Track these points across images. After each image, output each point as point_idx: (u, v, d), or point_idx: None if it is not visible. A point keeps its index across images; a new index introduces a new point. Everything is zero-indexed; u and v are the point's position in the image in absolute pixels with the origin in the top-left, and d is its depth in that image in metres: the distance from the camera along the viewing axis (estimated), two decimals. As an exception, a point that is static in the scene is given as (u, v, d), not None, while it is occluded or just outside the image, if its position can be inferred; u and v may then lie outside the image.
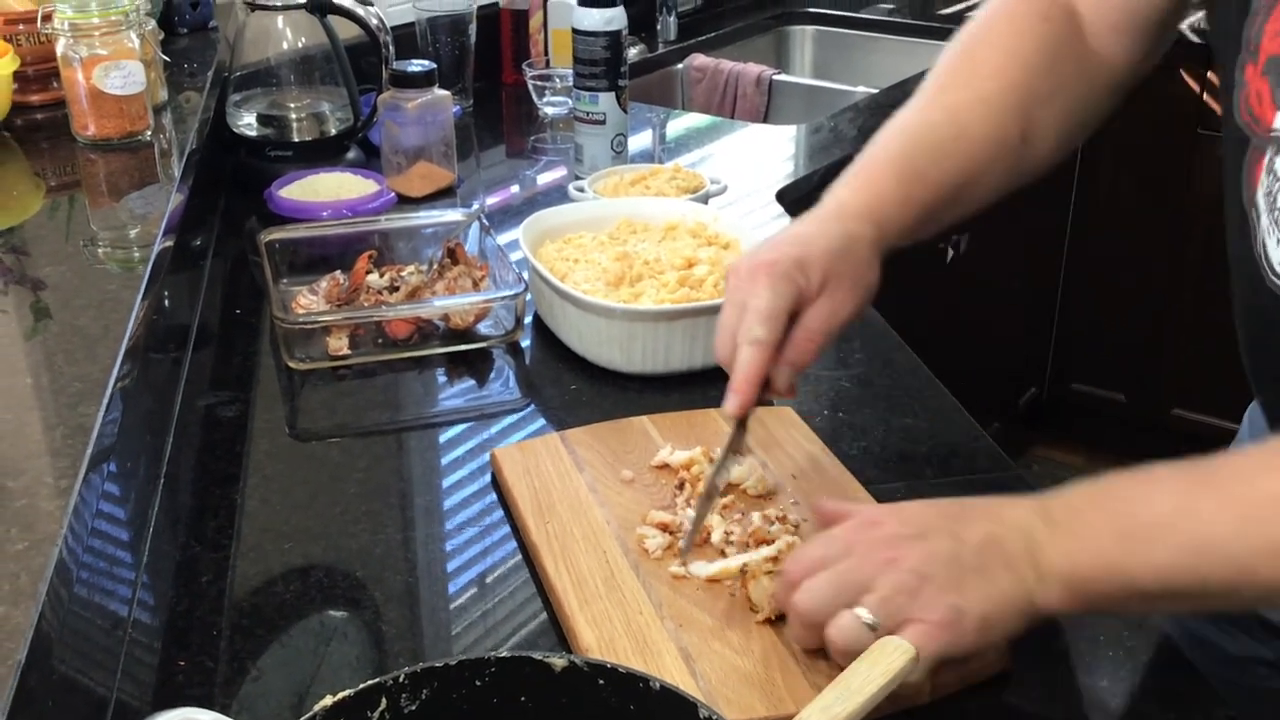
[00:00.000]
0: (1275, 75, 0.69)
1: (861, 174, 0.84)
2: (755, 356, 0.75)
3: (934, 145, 0.84)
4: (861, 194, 0.82)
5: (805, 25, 2.44)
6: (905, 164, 0.83)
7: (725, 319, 0.78)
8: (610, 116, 1.46)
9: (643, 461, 0.90)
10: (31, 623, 0.53)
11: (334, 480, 0.92)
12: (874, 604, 0.65)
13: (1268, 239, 0.71)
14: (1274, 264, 0.71)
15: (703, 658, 0.70)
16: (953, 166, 0.83)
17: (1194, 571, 0.62)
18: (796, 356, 0.77)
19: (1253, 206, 0.72)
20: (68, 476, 0.64)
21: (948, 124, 0.84)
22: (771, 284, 0.76)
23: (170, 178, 1.14)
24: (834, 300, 0.78)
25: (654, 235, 1.17)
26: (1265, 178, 0.71)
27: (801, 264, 0.77)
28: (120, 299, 0.86)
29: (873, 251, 0.80)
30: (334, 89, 1.51)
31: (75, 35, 1.16)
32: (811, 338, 0.77)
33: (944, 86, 0.87)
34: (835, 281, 0.78)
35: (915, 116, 0.86)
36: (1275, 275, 0.71)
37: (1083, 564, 0.65)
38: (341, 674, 0.73)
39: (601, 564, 0.79)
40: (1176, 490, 0.64)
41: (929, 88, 0.88)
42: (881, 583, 0.65)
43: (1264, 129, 0.70)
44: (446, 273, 1.16)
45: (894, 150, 0.84)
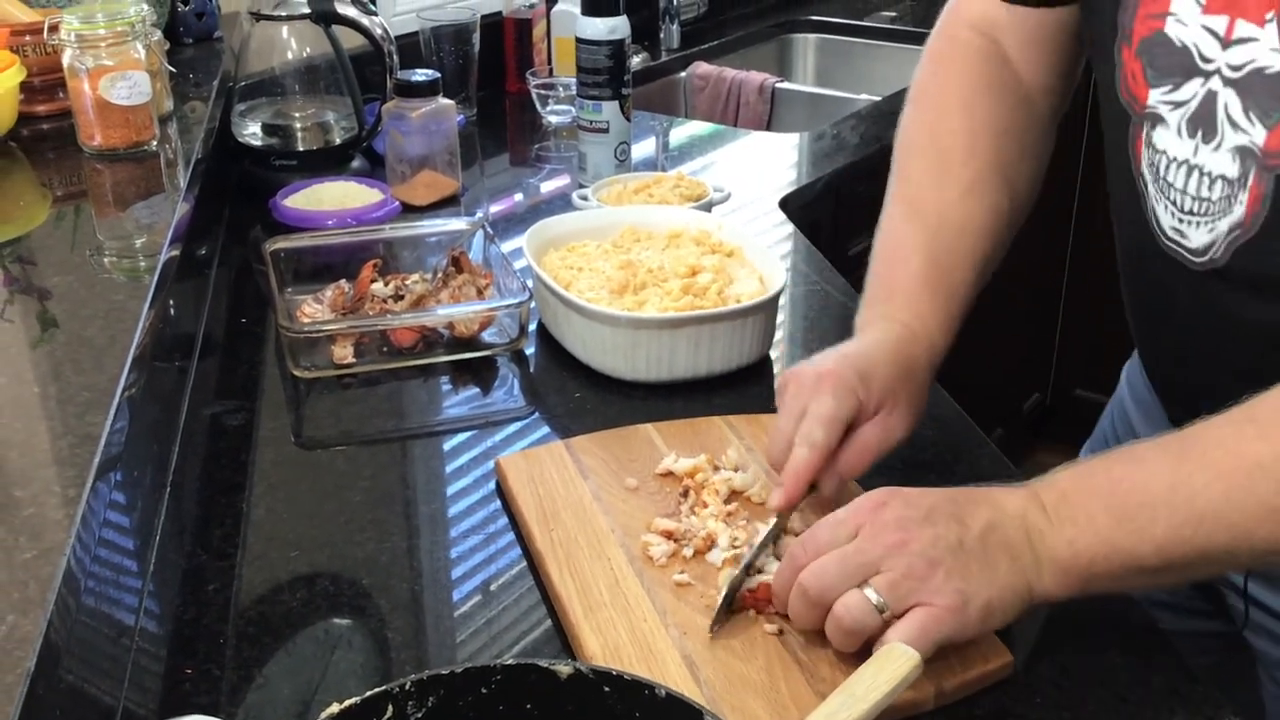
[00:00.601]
0: (1147, 56, 0.75)
1: (898, 296, 0.87)
2: (810, 459, 0.78)
3: (950, 252, 0.87)
4: (910, 322, 0.85)
5: (808, 33, 2.45)
6: (935, 281, 0.86)
7: (782, 424, 0.80)
8: (614, 125, 1.46)
9: (647, 469, 0.90)
10: (40, 631, 0.53)
11: (339, 488, 0.93)
12: (883, 585, 0.66)
13: (1156, 206, 0.77)
14: (1165, 229, 0.77)
15: (706, 665, 0.71)
16: (970, 267, 0.87)
17: (1192, 542, 0.65)
18: (847, 469, 0.80)
19: (1139, 178, 0.78)
20: (75, 485, 0.64)
21: (951, 227, 0.87)
22: (835, 393, 0.79)
23: (176, 187, 1.14)
24: (890, 419, 0.81)
25: (658, 243, 1.17)
26: (1146, 151, 0.77)
27: (865, 378, 0.80)
28: (127, 309, 0.86)
29: (925, 375, 0.84)
30: (339, 98, 1.52)
31: (81, 46, 1.17)
32: (864, 453, 0.80)
33: (927, 184, 0.90)
34: (893, 401, 0.81)
35: (918, 224, 0.88)
36: (1166, 239, 0.77)
37: (1084, 549, 0.66)
38: (347, 682, 0.74)
39: (606, 571, 0.79)
40: (1165, 467, 0.67)
41: (912, 182, 0.91)
42: (890, 565, 0.66)
43: (1140, 106, 0.76)
44: (451, 281, 1.16)
45: (918, 267, 0.87)
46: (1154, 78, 0.75)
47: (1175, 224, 0.76)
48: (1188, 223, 0.75)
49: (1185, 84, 0.73)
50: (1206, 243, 0.74)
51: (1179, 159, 0.74)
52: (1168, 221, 0.77)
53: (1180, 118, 0.73)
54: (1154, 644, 0.75)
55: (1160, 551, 0.65)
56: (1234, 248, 0.73)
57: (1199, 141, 0.73)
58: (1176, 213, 0.76)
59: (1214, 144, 0.72)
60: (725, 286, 1.08)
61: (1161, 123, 0.75)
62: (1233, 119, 0.70)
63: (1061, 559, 0.67)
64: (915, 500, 0.70)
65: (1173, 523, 0.65)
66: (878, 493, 0.71)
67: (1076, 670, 0.73)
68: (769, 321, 1.08)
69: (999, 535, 0.68)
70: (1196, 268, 0.76)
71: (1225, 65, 0.70)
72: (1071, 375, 2.56)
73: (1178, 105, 0.73)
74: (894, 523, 0.68)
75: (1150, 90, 0.75)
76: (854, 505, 0.71)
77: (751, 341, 1.06)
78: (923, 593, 0.66)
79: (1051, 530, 0.67)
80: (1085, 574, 0.67)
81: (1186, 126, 0.73)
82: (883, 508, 0.69)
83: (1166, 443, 0.68)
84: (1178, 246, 0.77)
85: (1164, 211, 0.77)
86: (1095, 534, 0.66)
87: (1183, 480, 0.65)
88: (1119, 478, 0.68)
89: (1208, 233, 0.74)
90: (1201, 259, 0.75)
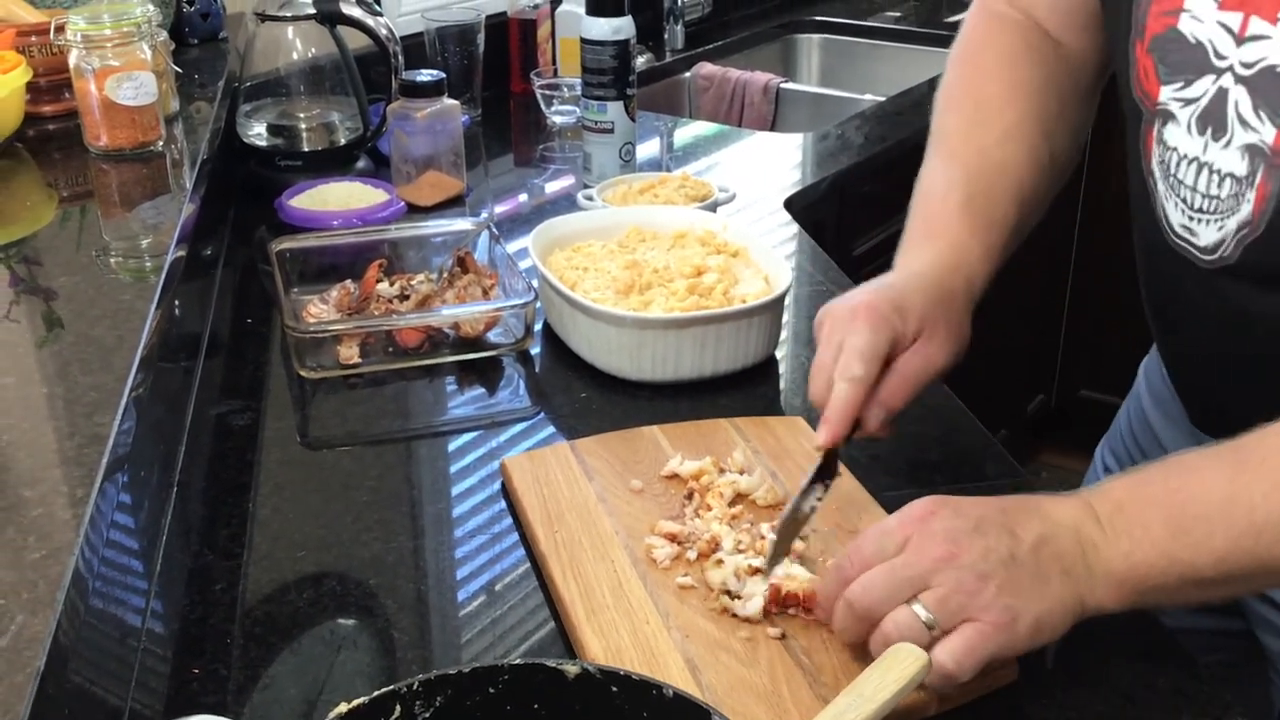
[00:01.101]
0: (1159, 53, 0.75)
1: (936, 228, 0.86)
2: (852, 393, 0.77)
3: (989, 189, 0.86)
4: (946, 251, 0.84)
5: (812, 34, 2.45)
6: (974, 215, 0.85)
7: (821, 359, 0.79)
8: (618, 125, 1.46)
9: (652, 471, 0.90)
10: (50, 631, 0.54)
11: (346, 488, 0.93)
12: (932, 601, 0.64)
13: (1166, 204, 0.77)
14: (1174, 227, 0.77)
15: (709, 668, 0.71)
16: (1012, 206, 0.86)
17: (1253, 554, 0.64)
18: (889, 399, 0.79)
19: (1150, 175, 0.78)
20: (84, 486, 0.65)
21: (990, 166, 0.87)
22: (871, 325, 0.78)
23: (182, 188, 1.14)
24: (929, 348, 0.80)
25: (663, 243, 1.17)
26: (1157, 148, 0.77)
27: (900, 309, 0.79)
28: (134, 309, 0.86)
29: (966, 305, 0.83)
30: (344, 99, 1.52)
31: (88, 47, 1.17)
32: (905, 383, 0.79)
33: (965, 131, 0.90)
34: (931, 329, 0.80)
35: (956, 165, 0.88)
36: (1176, 236, 0.77)
37: (1140, 561, 0.65)
38: (354, 682, 0.74)
39: (609, 573, 0.79)
40: (1222, 478, 0.65)
41: (950, 134, 0.90)
42: (940, 579, 0.64)
43: (1152, 103, 0.76)
44: (456, 281, 1.17)
45: (956, 203, 0.86)
46: (1165, 74, 0.74)
47: (1185, 221, 0.76)
48: (1197, 220, 0.75)
49: (1197, 81, 0.73)
50: (1215, 240, 0.74)
51: (1189, 156, 0.74)
52: (1177, 219, 0.77)
53: (1191, 115, 0.73)
54: (1160, 643, 0.75)
55: (1219, 564, 0.64)
56: (1243, 245, 0.73)
57: (1208, 139, 0.72)
58: (1186, 210, 0.76)
59: (1224, 141, 0.72)
60: (731, 287, 1.08)
61: (1172, 119, 0.75)
62: (1243, 117, 0.70)
63: (1117, 572, 0.65)
64: (965, 510, 0.67)
65: (1231, 534, 0.63)
66: (926, 501, 0.69)
67: (1082, 670, 0.73)
68: (775, 322, 1.08)
69: (1052, 547, 0.66)
70: (1206, 265, 0.76)
71: (1238, 63, 0.70)
72: (1076, 376, 2.55)
73: (1189, 102, 0.73)
74: (942, 534, 0.66)
75: (1162, 87, 0.75)
76: (901, 514, 0.68)
77: (757, 342, 1.06)
78: (972, 608, 0.64)
79: (1106, 542, 0.65)
80: (1141, 587, 0.65)
81: (1197, 123, 0.73)
82: (931, 517, 0.67)
83: (1221, 452, 0.66)
84: (1187, 245, 0.77)
85: (1173, 209, 0.77)
86: (1152, 546, 0.65)
87: (1241, 491, 0.64)
88: (1175, 488, 0.66)
89: (1217, 230, 0.74)
90: (1211, 257, 0.75)
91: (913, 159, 0.91)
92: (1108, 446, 1.07)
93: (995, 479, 0.93)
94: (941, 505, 0.68)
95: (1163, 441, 0.95)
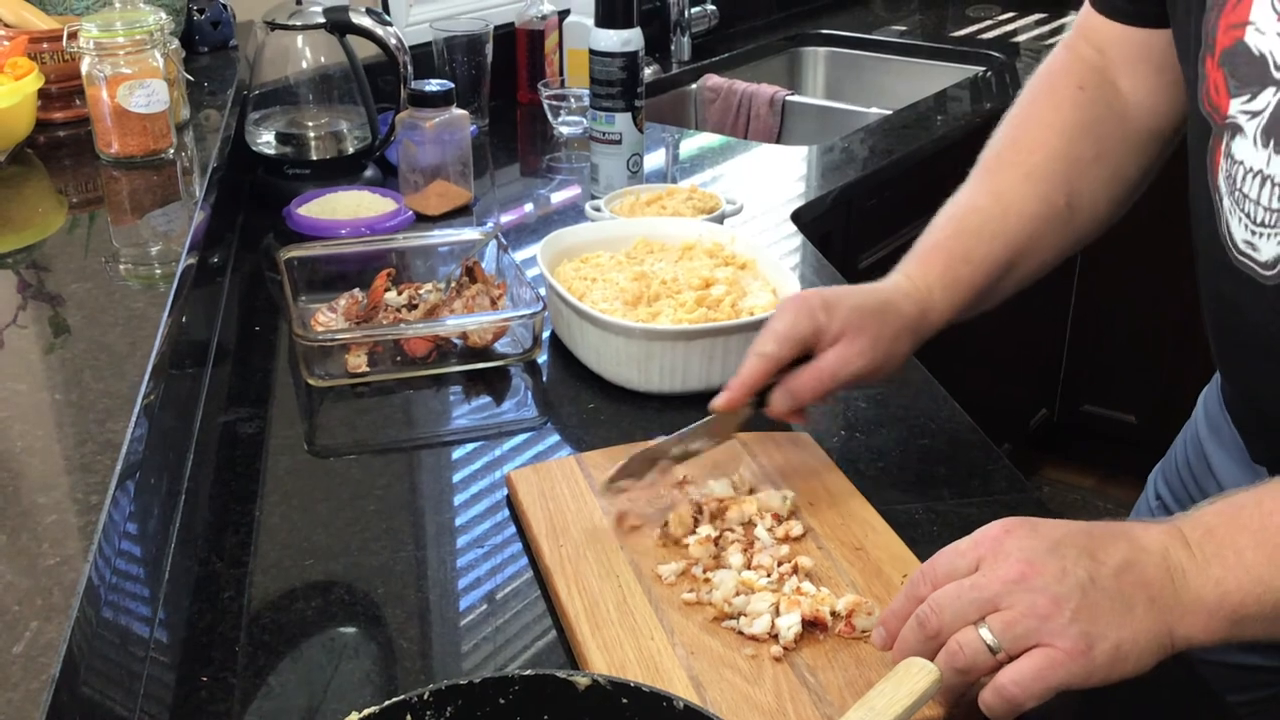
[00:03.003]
0: (1229, 66, 0.75)
1: (915, 258, 0.91)
2: (755, 366, 0.84)
3: (979, 227, 0.90)
4: (913, 276, 0.89)
5: (818, 46, 2.45)
6: (953, 247, 0.90)
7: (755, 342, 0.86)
8: (626, 136, 1.47)
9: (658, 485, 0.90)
10: (65, 638, 0.54)
11: (353, 497, 0.93)
12: (999, 625, 0.62)
13: (1230, 219, 0.77)
14: (1237, 243, 0.77)
15: (713, 685, 0.70)
16: (999, 245, 0.89)
17: None
18: (796, 387, 0.84)
19: (1215, 191, 0.78)
20: (97, 493, 0.65)
21: (993, 205, 0.90)
22: (793, 312, 0.84)
23: (193, 196, 1.15)
24: (848, 350, 0.84)
25: (671, 255, 1.17)
26: (1224, 162, 0.76)
27: (827, 306, 0.84)
28: (146, 316, 0.86)
29: (904, 329, 0.86)
30: (352, 108, 1.52)
31: (100, 54, 1.17)
32: (817, 375, 0.84)
33: (990, 169, 0.93)
34: (854, 334, 0.84)
35: (964, 201, 0.92)
36: (1238, 253, 0.77)
37: (1234, 589, 0.62)
38: (362, 691, 0.74)
39: (614, 588, 0.79)
40: None
41: (977, 171, 0.94)
42: (1010, 601, 0.62)
43: (1221, 117, 0.76)
44: (464, 291, 1.17)
45: (942, 236, 0.91)
46: (1235, 88, 0.74)
47: (1247, 236, 0.75)
48: (1259, 235, 0.74)
49: (1261, 93, 0.72)
50: (1275, 255, 0.73)
51: (1255, 169, 0.73)
52: (1240, 234, 0.76)
53: (1256, 127, 0.73)
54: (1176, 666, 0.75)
55: None
56: None
57: (1271, 151, 0.72)
58: (1250, 224, 0.75)
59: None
60: (739, 299, 1.08)
61: (1240, 133, 0.74)
62: None
63: (1208, 600, 0.62)
64: (1044, 530, 0.64)
65: None
66: (1004, 521, 0.66)
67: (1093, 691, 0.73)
68: (782, 334, 1.08)
69: (1137, 573, 0.62)
70: (1266, 281, 0.75)
71: None
72: (1079, 391, 2.55)
73: (1254, 115, 0.73)
74: (1017, 554, 0.63)
75: (1231, 100, 0.75)
76: (978, 533, 0.66)
77: (764, 354, 1.06)
78: (1043, 633, 0.61)
79: (1196, 569, 0.62)
80: (1234, 616, 0.62)
81: (1261, 136, 0.73)
82: (1007, 536, 0.64)
83: None
84: (1249, 260, 0.76)
85: (1237, 224, 0.76)
86: (1245, 572, 0.62)
87: None
88: (1270, 511, 0.63)
89: (1277, 245, 0.73)
90: (1271, 272, 0.74)
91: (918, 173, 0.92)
92: (1161, 474, 1.05)
93: (1003, 493, 0.93)
94: (1019, 525, 0.65)
95: (1217, 474, 0.94)
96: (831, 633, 0.75)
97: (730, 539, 0.83)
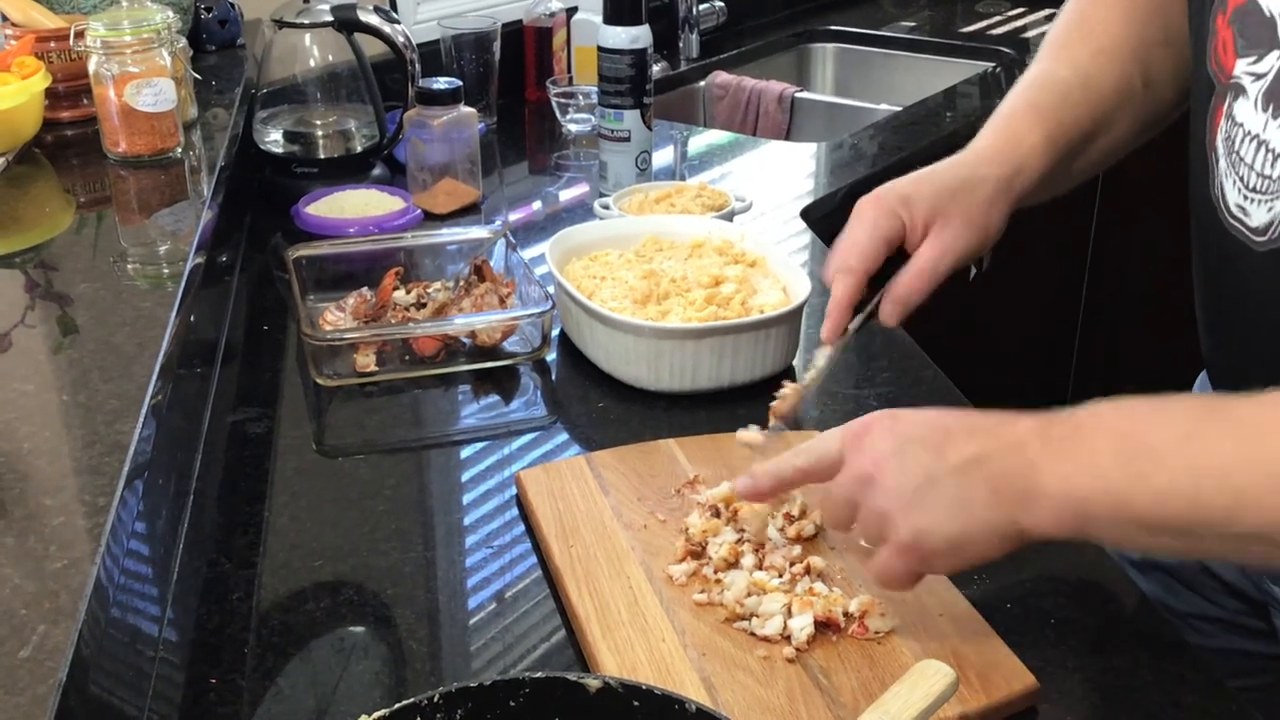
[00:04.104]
0: (1240, 24, 0.73)
1: (997, 122, 0.87)
2: (845, 284, 0.81)
3: (1064, 93, 0.87)
4: (998, 139, 0.85)
5: (826, 43, 2.44)
6: (1039, 109, 0.86)
7: (834, 248, 0.84)
8: (635, 134, 1.46)
9: (668, 485, 0.89)
10: (72, 642, 0.53)
11: (362, 497, 0.93)
12: (859, 528, 0.69)
13: (1225, 181, 0.75)
14: (1230, 205, 0.75)
15: (725, 687, 0.70)
16: (1083, 112, 0.87)
17: (1192, 499, 0.60)
18: (903, 292, 0.81)
19: (1212, 150, 0.76)
20: (105, 494, 0.64)
21: (1073, 75, 0.88)
22: (873, 217, 0.81)
23: (201, 195, 1.14)
24: (942, 239, 0.80)
25: (680, 253, 1.17)
26: (1225, 123, 0.75)
27: (906, 200, 0.81)
28: (154, 316, 0.86)
29: (997, 192, 0.82)
30: (360, 106, 1.52)
31: (107, 53, 1.17)
32: (920, 275, 0.81)
33: (1062, 45, 0.91)
34: (943, 220, 0.81)
35: (1040, 73, 0.89)
36: (1230, 215, 0.75)
37: (1078, 485, 0.63)
38: (372, 692, 0.73)
39: (625, 589, 0.78)
40: (1186, 415, 0.63)
41: (1047, 49, 0.91)
42: (863, 499, 0.68)
43: (1226, 77, 0.75)
44: (473, 289, 1.16)
45: (1024, 101, 0.87)
46: (1243, 47, 0.73)
47: (1240, 200, 0.74)
48: (1251, 200, 0.73)
49: (1267, 55, 0.71)
50: (1266, 222, 0.73)
51: (1253, 133, 0.73)
52: (1233, 198, 0.75)
53: (1259, 90, 0.72)
54: (1185, 661, 0.75)
55: (1157, 502, 0.61)
56: None
57: (1269, 116, 0.71)
58: (1243, 189, 0.74)
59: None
60: (749, 297, 1.08)
61: (1243, 94, 0.73)
62: None
63: (1053, 494, 0.63)
64: (900, 428, 0.68)
65: (1175, 472, 0.60)
66: (873, 415, 0.70)
67: (1106, 688, 0.72)
68: (793, 332, 1.07)
69: (981, 468, 0.65)
70: (1258, 248, 0.74)
71: None
72: (1090, 387, 2.54)
73: (1259, 77, 0.72)
74: (869, 451, 0.68)
75: (1238, 60, 0.74)
76: (850, 424, 0.70)
77: (775, 352, 1.05)
78: (885, 531, 0.66)
79: (1047, 463, 0.63)
80: (1079, 512, 0.63)
81: (1263, 99, 0.72)
82: (866, 433, 0.69)
83: (1203, 398, 0.66)
84: (1240, 225, 0.75)
85: (1231, 188, 0.75)
86: (1092, 471, 0.62)
87: (1199, 432, 0.61)
88: (1141, 417, 0.64)
89: (1267, 212, 0.72)
90: (1262, 238, 0.73)
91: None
92: None
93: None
94: (880, 420, 0.69)
95: None
96: (844, 634, 0.74)
97: (743, 540, 0.82)
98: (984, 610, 0.76)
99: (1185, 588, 0.94)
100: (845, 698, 0.69)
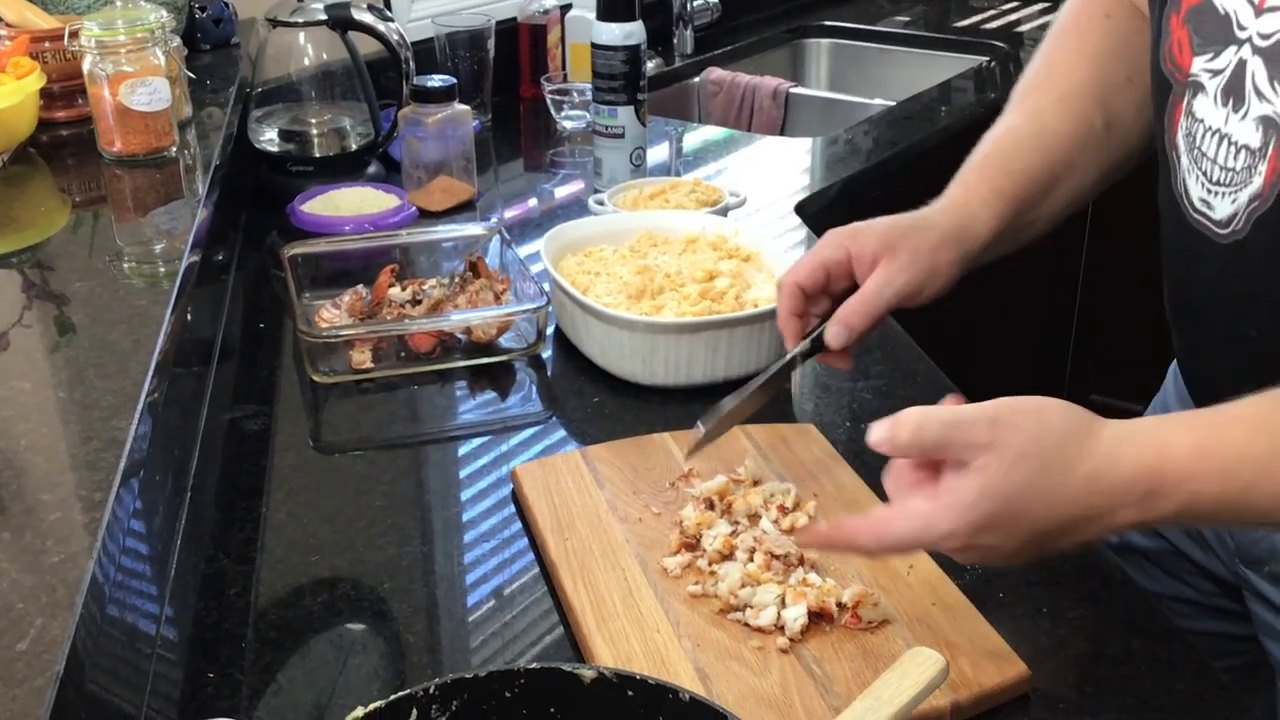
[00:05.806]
0: (1194, 24, 0.75)
1: (954, 182, 0.91)
2: (785, 297, 0.86)
3: (1017, 143, 0.90)
4: (954, 191, 0.90)
5: (821, 38, 2.45)
6: (991, 160, 0.90)
7: None
8: (629, 130, 1.47)
9: (663, 478, 0.90)
10: (69, 635, 0.54)
11: (359, 493, 0.93)
12: None
13: (1187, 177, 0.78)
14: (1194, 200, 0.77)
15: (720, 678, 0.70)
16: (1037, 160, 0.89)
17: None
18: (847, 315, 0.84)
19: (1173, 149, 0.79)
20: (101, 490, 0.65)
21: (1028, 124, 0.91)
22: (819, 246, 0.86)
23: (196, 193, 1.15)
24: (887, 270, 0.84)
25: (675, 248, 1.17)
26: (1184, 120, 0.77)
27: (856, 234, 0.86)
28: (150, 314, 0.86)
29: (945, 239, 0.86)
30: (355, 104, 1.52)
31: (102, 52, 1.17)
32: (862, 300, 0.84)
33: (1025, 93, 0.94)
34: (890, 255, 0.85)
35: (1000, 126, 0.93)
36: (1194, 210, 0.77)
37: None
38: (367, 685, 0.74)
39: (620, 581, 0.79)
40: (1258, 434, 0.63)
41: (1013, 99, 0.94)
42: None
43: (1183, 75, 0.76)
44: (468, 286, 1.17)
45: (980, 154, 0.91)
46: (1199, 45, 0.75)
47: (1203, 194, 0.76)
48: (1215, 193, 0.75)
49: (1223, 52, 0.73)
50: (1229, 214, 0.74)
51: (1213, 128, 0.74)
52: (1196, 193, 0.77)
53: (1217, 86, 0.73)
54: (1177, 648, 0.75)
55: None
56: (1253, 219, 0.72)
57: (1229, 110, 0.73)
58: (1206, 183, 0.76)
59: (1241, 113, 0.72)
60: (743, 291, 1.08)
61: (1202, 91, 0.75)
62: (1259, 88, 0.70)
63: None
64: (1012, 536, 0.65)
65: None
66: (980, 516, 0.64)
67: (1098, 676, 0.73)
68: (786, 326, 1.08)
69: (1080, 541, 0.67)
70: (1221, 240, 0.75)
71: (1256, 34, 0.70)
72: (1087, 381, 2.55)
73: (1216, 73, 0.74)
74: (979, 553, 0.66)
75: (1194, 58, 0.75)
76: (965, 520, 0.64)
77: (769, 346, 1.06)
78: None
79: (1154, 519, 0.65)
80: None
81: (1221, 95, 0.73)
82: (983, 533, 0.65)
83: None
84: (1204, 219, 0.76)
85: (1194, 183, 0.77)
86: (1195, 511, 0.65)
87: None
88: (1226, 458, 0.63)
89: (1230, 203, 0.74)
90: (1225, 231, 0.75)
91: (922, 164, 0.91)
92: None
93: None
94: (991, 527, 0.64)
95: None
96: (838, 624, 0.74)
97: (737, 531, 0.82)
98: (975, 599, 0.76)
99: (1159, 569, 0.95)
100: (839, 687, 0.69)
